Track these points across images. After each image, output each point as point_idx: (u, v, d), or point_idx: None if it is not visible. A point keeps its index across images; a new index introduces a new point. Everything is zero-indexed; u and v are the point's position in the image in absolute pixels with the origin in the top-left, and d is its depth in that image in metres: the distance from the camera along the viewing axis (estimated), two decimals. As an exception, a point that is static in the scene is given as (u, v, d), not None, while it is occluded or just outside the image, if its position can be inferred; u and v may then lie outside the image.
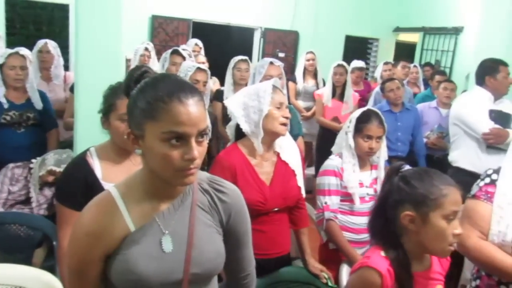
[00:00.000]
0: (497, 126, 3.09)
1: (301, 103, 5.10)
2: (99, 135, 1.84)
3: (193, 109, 1.04)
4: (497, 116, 3.12)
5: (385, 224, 1.42)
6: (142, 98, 1.06)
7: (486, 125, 3.13)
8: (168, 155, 1.03)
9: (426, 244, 1.37)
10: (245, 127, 1.93)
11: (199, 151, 1.06)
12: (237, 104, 1.97)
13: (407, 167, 1.45)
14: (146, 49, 4.59)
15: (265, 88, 1.93)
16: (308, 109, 5.03)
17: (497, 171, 1.74)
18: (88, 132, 2.56)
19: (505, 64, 3.31)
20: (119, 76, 2.85)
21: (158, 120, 1.03)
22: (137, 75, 1.13)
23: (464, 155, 3.32)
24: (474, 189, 1.75)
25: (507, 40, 5.43)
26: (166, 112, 1.02)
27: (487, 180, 1.74)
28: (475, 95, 3.35)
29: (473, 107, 3.26)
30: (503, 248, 1.62)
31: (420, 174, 1.39)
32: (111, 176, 1.67)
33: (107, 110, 1.73)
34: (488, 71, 3.31)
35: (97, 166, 1.72)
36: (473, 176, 3.08)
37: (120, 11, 3.01)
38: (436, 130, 4.15)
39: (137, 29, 6.26)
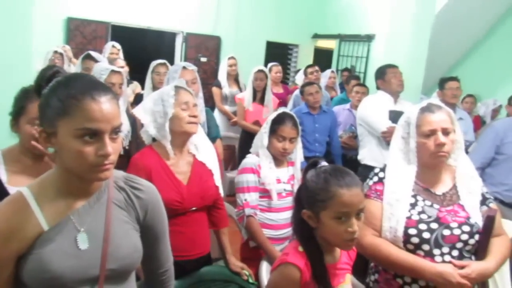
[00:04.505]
0: (394, 125, 3.35)
1: (228, 108, 5.15)
2: (7, 139, 1.77)
3: (106, 106, 1.08)
4: (396, 116, 3.41)
5: (301, 219, 1.48)
6: (54, 96, 1.08)
7: (384, 124, 3.41)
8: (82, 151, 1.05)
9: (325, 238, 1.44)
10: (154, 132, 1.97)
11: (113, 147, 1.09)
12: (144, 110, 2.01)
13: (323, 163, 1.50)
14: (56, 52, 4.42)
15: (168, 91, 1.97)
16: (236, 114, 5.09)
17: (383, 169, 1.82)
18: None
19: (392, 66, 3.66)
20: (29, 79, 2.72)
21: (71, 117, 1.05)
22: (48, 75, 1.14)
23: (369, 153, 3.61)
24: (365, 189, 1.77)
25: (411, 46, 5.92)
26: (79, 109, 1.05)
27: (375, 178, 1.81)
28: (376, 97, 3.68)
29: (373, 108, 3.55)
30: (395, 244, 1.68)
31: (319, 175, 1.42)
32: (18, 180, 1.62)
33: (17, 113, 1.69)
34: (378, 75, 3.70)
35: (1, 170, 1.66)
36: (379, 173, 3.40)
37: (30, 12, 2.88)
38: (348, 130, 4.42)
39: (51, 31, 5.98)
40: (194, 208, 2.00)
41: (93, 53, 3.66)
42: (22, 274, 1.10)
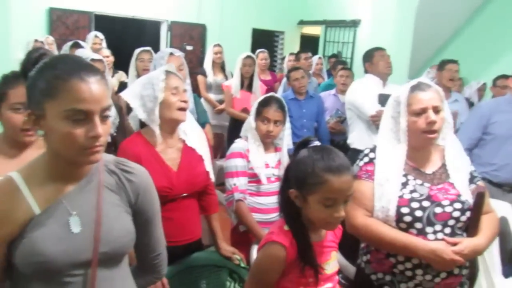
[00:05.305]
0: (383, 108, 3.36)
1: (212, 96, 5.11)
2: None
3: (95, 87, 1.06)
4: (384, 100, 3.41)
5: (287, 197, 1.47)
6: (41, 78, 1.05)
7: (373, 108, 3.41)
8: (71, 133, 1.04)
9: (310, 219, 1.43)
10: (143, 117, 1.93)
11: (103, 129, 1.07)
12: (133, 94, 1.96)
13: (316, 142, 1.46)
14: (36, 40, 4.37)
15: (157, 75, 1.93)
16: (220, 102, 5.06)
17: (373, 150, 1.81)
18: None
19: (380, 49, 3.66)
20: (9, 69, 2.68)
21: (59, 99, 1.03)
22: (34, 57, 1.13)
23: (358, 137, 3.62)
24: (355, 170, 1.78)
25: (397, 30, 5.93)
26: (67, 90, 1.03)
27: (366, 159, 1.80)
28: (364, 81, 3.68)
29: (361, 92, 3.55)
30: (387, 223, 1.68)
31: (310, 157, 1.39)
32: (3, 169, 1.56)
33: None
34: (365, 58, 3.70)
35: None
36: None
37: (9, 2, 2.82)
38: (335, 115, 4.42)
39: (32, 22, 5.87)
40: (184, 194, 1.98)
41: (81, 42, 3.62)
42: (14, 259, 1.09)
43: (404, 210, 1.66)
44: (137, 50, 3.67)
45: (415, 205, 1.67)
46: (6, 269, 1.13)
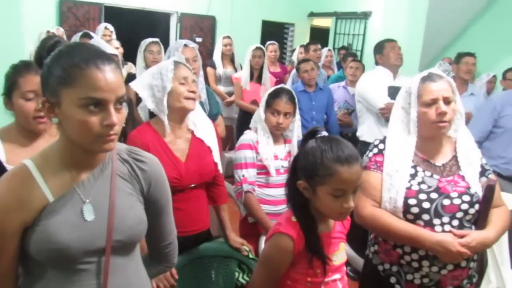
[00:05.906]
0: (392, 101, 3.34)
1: (222, 88, 5.11)
2: (3, 120, 1.75)
3: (110, 75, 1.06)
4: (394, 92, 3.39)
5: (295, 188, 1.47)
6: (57, 65, 1.05)
7: (382, 101, 3.39)
8: (87, 121, 1.04)
9: (319, 210, 1.44)
10: (152, 106, 1.95)
11: (118, 117, 1.07)
12: (142, 85, 1.98)
13: (323, 132, 1.46)
14: (48, 31, 4.40)
15: (167, 65, 1.94)
16: (229, 94, 5.06)
17: (383, 141, 1.81)
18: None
19: (391, 41, 3.63)
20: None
21: (75, 86, 1.03)
22: (49, 45, 1.12)
23: (368, 129, 3.60)
24: (365, 161, 1.79)
25: (408, 22, 5.86)
26: (83, 78, 1.03)
27: (375, 150, 1.80)
28: (374, 73, 3.65)
29: (371, 84, 3.53)
30: (395, 214, 1.68)
31: (319, 147, 1.39)
32: (17, 159, 1.58)
33: (9, 89, 1.66)
34: (376, 50, 3.67)
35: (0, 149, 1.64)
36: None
37: (20, -6, 2.83)
38: (343, 107, 4.40)
39: (43, 14, 5.90)
40: (192, 185, 1.99)
41: (90, 33, 3.63)
42: (28, 246, 1.10)
43: (412, 201, 1.66)
44: (146, 41, 3.67)
45: (422, 196, 1.66)
46: (21, 257, 1.14)
